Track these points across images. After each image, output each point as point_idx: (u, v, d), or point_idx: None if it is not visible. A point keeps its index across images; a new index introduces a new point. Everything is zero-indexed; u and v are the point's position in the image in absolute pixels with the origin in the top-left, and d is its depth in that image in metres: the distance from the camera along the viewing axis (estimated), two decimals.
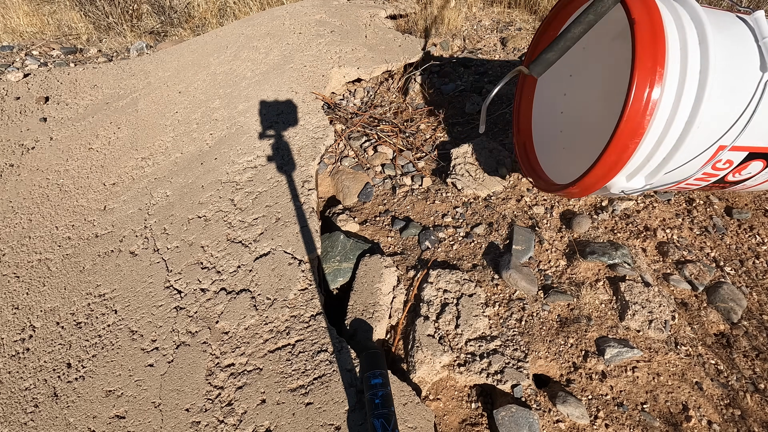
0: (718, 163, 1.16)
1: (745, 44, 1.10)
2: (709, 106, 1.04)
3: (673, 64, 1.05)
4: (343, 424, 1.05)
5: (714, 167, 1.18)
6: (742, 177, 1.25)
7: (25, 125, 2.31)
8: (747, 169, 1.22)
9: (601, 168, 1.13)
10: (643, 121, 1.04)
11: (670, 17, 1.10)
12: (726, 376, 1.18)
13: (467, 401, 1.15)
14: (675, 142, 1.09)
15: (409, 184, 1.77)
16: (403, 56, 2.38)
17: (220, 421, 1.10)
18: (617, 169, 1.13)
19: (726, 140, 1.09)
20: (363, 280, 1.37)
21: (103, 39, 3.67)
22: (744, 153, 1.15)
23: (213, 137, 2.01)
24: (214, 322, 1.31)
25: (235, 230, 1.55)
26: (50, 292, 1.51)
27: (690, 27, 1.07)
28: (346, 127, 2.02)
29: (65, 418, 1.17)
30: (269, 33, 2.62)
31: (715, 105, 1.06)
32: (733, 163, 1.18)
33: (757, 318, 1.29)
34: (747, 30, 1.12)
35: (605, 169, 1.13)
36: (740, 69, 1.07)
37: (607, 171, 1.13)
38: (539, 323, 1.29)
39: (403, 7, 2.93)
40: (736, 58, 1.08)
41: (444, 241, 1.53)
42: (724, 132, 1.09)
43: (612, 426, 1.09)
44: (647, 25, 1.04)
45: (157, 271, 1.49)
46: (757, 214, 1.55)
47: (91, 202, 1.85)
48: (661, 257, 1.44)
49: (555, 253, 1.46)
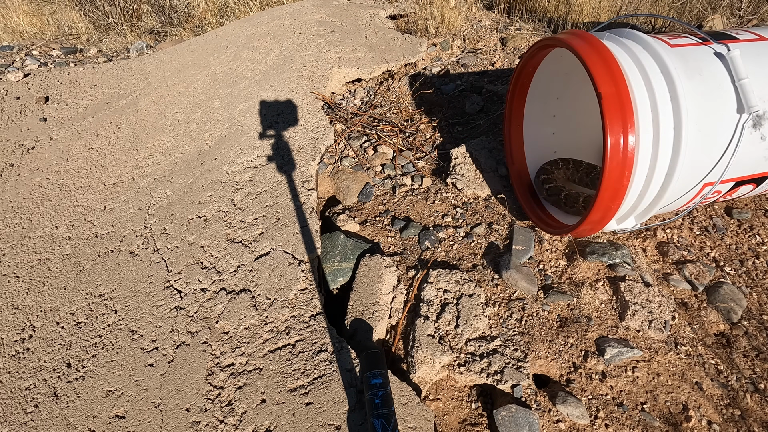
0: (706, 195, 1.21)
1: (721, 87, 1.09)
2: (686, 158, 1.08)
3: (645, 127, 1.08)
4: (343, 424, 1.05)
5: (702, 199, 1.23)
6: (733, 197, 1.31)
7: (25, 125, 2.31)
8: (738, 192, 1.26)
9: (588, 224, 1.20)
10: (620, 187, 1.09)
11: (638, 76, 1.11)
12: (726, 376, 1.18)
13: (467, 401, 1.15)
14: (657, 192, 1.14)
15: (409, 184, 1.77)
16: (403, 56, 2.38)
17: (220, 421, 1.10)
18: (604, 223, 1.19)
19: (709, 179, 1.13)
20: (363, 280, 1.37)
21: (103, 39, 3.67)
22: (731, 183, 1.19)
23: (213, 137, 2.01)
24: (214, 322, 1.31)
25: (235, 230, 1.55)
26: (50, 292, 1.51)
27: (659, 85, 1.09)
28: (346, 127, 2.02)
29: (65, 418, 1.17)
30: (269, 33, 2.62)
31: (692, 155, 1.09)
32: (722, 192, 1.22)
33: (757, 318, 1.29)
34: (722, 69, 1.11)
35: (592, 225, 1.20)
36: (717, 114, 1.09)
37: (594, 225, 1.20)
38: (539, 323, 1.29)
39: (403, 7, 2.93)
40: (711, 103, 1.09)
41: (444, 241, 1.53)
42: (705, 174, 1.13)
43: (612, 426, 1.09)
44: (615, 99, 1.05)
45: (157, 271, 1.49)
46: (757, 214, 1.55)
47: (91, 202, 1.85)
48: (661, 257, 1.44)
49: (555, 253, 1.46)
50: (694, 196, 1.18)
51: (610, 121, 1.04)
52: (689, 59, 1.13)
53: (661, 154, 1.08)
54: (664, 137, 1.07)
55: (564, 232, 1.32)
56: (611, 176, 1.06)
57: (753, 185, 1.24)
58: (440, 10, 2.61)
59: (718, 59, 1.12)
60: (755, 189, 1.27)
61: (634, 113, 1.05)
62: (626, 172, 1.06)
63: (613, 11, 2.82)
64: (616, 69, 1.08)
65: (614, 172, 1.06)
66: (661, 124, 1.07)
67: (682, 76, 1.09)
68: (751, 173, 1.18)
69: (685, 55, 1.14)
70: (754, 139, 1.11)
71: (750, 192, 1.29)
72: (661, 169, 1.10)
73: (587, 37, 1.16)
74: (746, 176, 1.18)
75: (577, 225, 1.22)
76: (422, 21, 2.65)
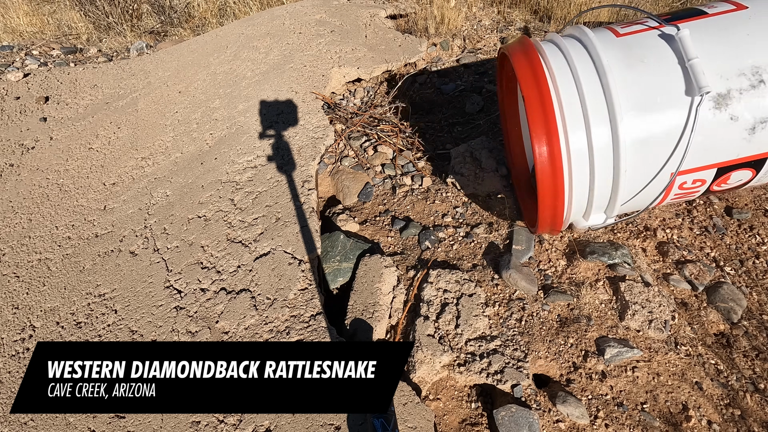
0: (685, 185, 1.15)
1: (668, 71, 1.05)
2: (628, 149, 1.05)
3: (574, 124, 1.07)
4: (343, 424, 1.05)
5: (682, 188, 1.16)
6: (731, 185, 1.20)
7: (25, 125, 2.31)
8: (731, 179, 1.17)
9: (543, 224, 1.21)
10: (557, 185, 1.09)
11: (568, 75, 1.10)
12: (726, 376, 1.18)
13: (467, 401, 1.15)
14: (612, 186, 1.11)
15: (409, 183, 1.77)
16: (403, 56, 2.38)
17: (220, 421, 1.10)
18: (558, 221, 1.18)
19: (674, 167, 1.07)
20: (363, 280, 1.37)
21: (103, 39, 3.66)
22: (711, 170, 1.11)
23: (213, 137, 2.01)
24: (214, 321, 1.31)
25: (235, 230, 1.55)
26: (50, 292, 1.51)
27: (589, 80, 1.07)
28: (346, 126, 2.02)
29: (65, 418, 1.17)
30: (269, 33, 2.62)
31: (639, 145, 1.06)
32: (706, 181, 1.14)
33: (757, 318, 1.29)
34: (671, 52, 1.06)
35: (547, 223, 1.20)
36: (665, 100, 1.04)
37: (550, 223, 1.20)
38: (539, 323, 1.29)
39: (403, 7, 2.93)
40: (657, 90, 1.05)
41: (444, 241, 1.53)
42: (665, 162, 1.08)
43: (612, 426, 1.09)
44: (537, 102, 1.07)
45: (157, 271, 1.49)
46: (757, 214, 1.55)
47: (91, 202, 1.85)
48: (661, 257, 1.44)
49: (555, 253, 1.46)
50: (669, 186, 1.12)
51: (533, 123, 1.06)
52: (634, 47, 1.10)
53: (597, 148, 1.06)
54: (598, 131, 1.06)
55: (534, 231, 1.33)
56: (544, 175, 1.08)
57: (751, 171, 1.14)
58: (440, 10, 2.61)
59: (668, 42, 1.07)
60: (756, 176, 1.17)
61: (557, 112, 1.06)
62: (557, 171, 1.07)
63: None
64: (539, 72, 1.09)
65: (546, 172, 1.08)
66: (592, 119, 1.05)
67: (621, 66, 1.07)
68: (734, 158, 1.09)
69: (629, 43, 1.11)
70: (721, 121, 1.04)
71: (751, 180, 1.19)
72: (602, 162, 1.08)
73: (525, 43, 1.18)
74: (728, 161, 1.10)
75: (537, 226, 1.24)
76: (422, 21, 2.64)
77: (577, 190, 1.12)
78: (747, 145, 1.06)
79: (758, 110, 1.02)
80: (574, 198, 1.13)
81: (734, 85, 1.02)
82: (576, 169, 1.09)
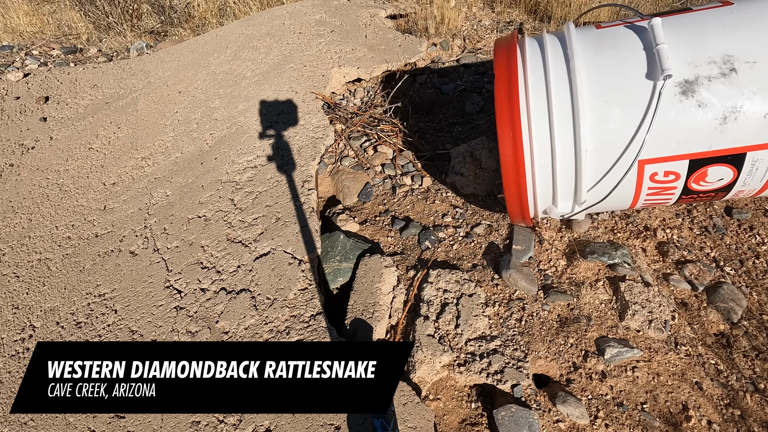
0: (656, 176, 1.13)
1: (635, 56, 1.06)
2: (586, 129, 1.06)
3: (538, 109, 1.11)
4: (343, 424, 1.05)
5: (655, 180, 1.14)
6: (712, 184, 1.15)
7: (25, 125, 2.31)
8: (711, 177, 1.12)
9: (513, 206, 1.25)
10: (518, 161, 1.13)
11: (539, 63, 1.14)
12: (726, 376, 1.18)
13: (467, 401, 1.15)
14: (574, 169, 1.12)
15: (409, 183, 1.77)
16: (403, 56, 2.38)
17: (220, 421, 1.10)
18: (525, 206, 1.22)
19: (637, 153, 1.06)
20: (363, 280, 1.37)
21: (103, 39, 3.66)
22: (683, 162, 1.08)
23: (213, 137, 2.01)
24: (214, 321, 1.31)
25: (235, 230, 1.55)
26: (50, 292, 1.51)
27: (556, 66, 1.11)
28: (346, 126, 2.02)
29: (65, 418, 1.17)
30: (269, 33, 2.62)
31: (600, 126, 1.06)
32: (680, 175, 1.11)
33: (757, 318, 1.29)
34: (641, 40, 1.07)
35: (517, 208, 1.24)
36: (629, 84, 1.05)
37: (516, 203, 1.23)
38: (539, 323, 1.29)
39: (403, 7, 2.93)
40: (623, 75, 1.06)
41: (444, 240, 1.53)
42: (626, 146, 1.07)
43: (612, 426, 1.09)
44: (505, 86, 1.14)
45: (157, 270, 1.49)
46: (757, 214, 1.55)
47: (91, 202, 1.85)
48: (661, 257, 1.44)
49: (555, 253, 1.46)
50: (638, 176, 1.11)
51: (498, 100, 1.14)
52: (608, 37, 1.12)
53: (558, 124, 1.08)
54: (560, 111, 1.08)
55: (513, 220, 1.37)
56: (505, 152, 1.13)
57: (730, 168, 1.08)
58: (440, 10, 2.61)
59: (641, 32, 1.09)
60: (738, 177, 1.11)
61: (521, 99, 1.10)
62: (518, 149, 1.11)
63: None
64: (513, 58, 1.16)
65: (507, 149, 1.13)
66: (554, 101, 1.08)
67: (590, 52, 1.09)
68: (707, 150, 1.05)
69: (605, 34, 1.13)
70: (687, 108, 1.01)
71: (734, 182, 1.13)
72: (563, 143, 1.09)
73: (509, 41, 1.24)
74: (701, 153, 1.06)
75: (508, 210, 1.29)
76: (422, 21, 2.65)
77: (539, 168, 1.14)
78: (720, 136, 1.03)
79: (728, 99, 1.00)
80: (538, 178, 1.15)
81: (703, 72, 1.01)
82: (537, 146, 1.11)
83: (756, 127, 1.00)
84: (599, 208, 1.26)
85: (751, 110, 1.00)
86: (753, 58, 1.00)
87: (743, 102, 0.99)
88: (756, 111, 1.00)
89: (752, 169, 1.07)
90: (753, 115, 1.00)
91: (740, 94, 0.99)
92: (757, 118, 1.00)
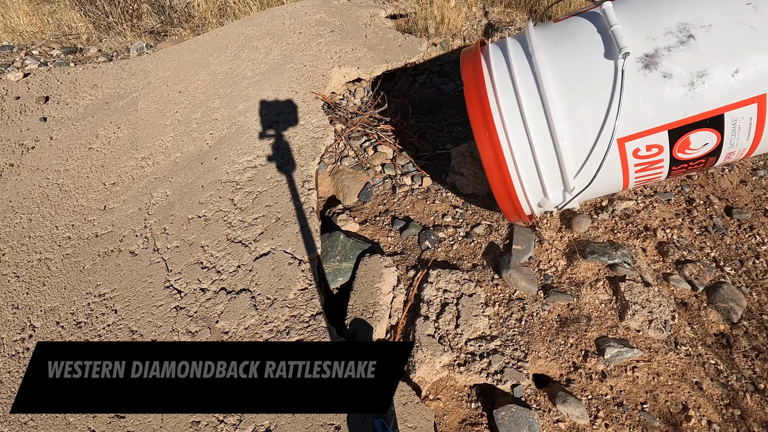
0: (639, 152, 1.13)
1: (593, 41, 1.09)
2: (559, 114, 1.09)
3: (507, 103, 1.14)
4: (343, 424, 1.05)
5: (639, 156, 1.14)
6: (699, 151, 1.13)
7: (25, 125, 2.31)
8: (695, 143, 1.11)
9: (504, 205, 1.28)
10: (503, 172, 1.18)
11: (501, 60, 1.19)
12: (726, 376, 1.18)
13: (467, 401, 1.15)
14: (555, 156, 1.14)
15: (409, 183, 1.77)
16: (403, 56, 2.38)
17: (220, 421, 1.10)
18: (517, 203, 1.25)
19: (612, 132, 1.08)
20: (363, 280, 1.37)
21: (103, 39, 3.66)
22: (662, 133, 1.08)
23: (213, 137, 2.01)
24: (214, 321, 1.31)
25: (235, 230, 1.55)
26: (50, 292, 1.51)
27: (518, 60, 1.16)
28: (346, 126, 2.02)
29: (65, 418, 1.17)
30: (269, 33, 2.62)
31: (570, 110, 1.09)
32: (663, 147, 1.11)
33: (757, 318, 1.29)
34: (598, 25, 1.11)
35: (509, 206, 1.28)
36: (591, 67, 1.08)
37: (511, 206, 1.27)
38: (539, 323, 1.29)
39: (403, 7, 2.93)
40: (583, 60, 1.09)
41: (444, 240, 1.53)
42: (601, 126, 1.09)
43: (612, 426, 1.09)
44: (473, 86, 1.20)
45: (157, 270, 1.49)
46: (757, 214, 1.55)
47: (91, 202, 1.85)
48: (661, 257, 1.44)
49: (555, 253, 1.46)
50: (620, 154, 1.12)
51: (470, 105, 1.18)
52: (566, 28, 1.16)
53: (531, 120, 1.11)
54: (530, 106, 1.11)
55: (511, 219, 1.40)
56: (486, 153, 1.17)
57: (713, 132, 1.08)
58: (440, 10, 2.61)
59: (597, 18, 1.12)
60: (723, 139, 1.10)
61: (491, 101, 1.15)
62: (497, 148, 1.15)
63: None
64: (479, 67, 1.21)
65: (487, 150, 1.17)
66: (523, 97, 1.11)
67: (550, 44, 1.13)
68: (683, 117, 1.05)
69: (563, 26, 1.17)
70: (653, 81, 1.03)
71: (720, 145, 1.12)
72: (539, 135, 1.12)
73: (473, 49, 1.30)
74: (678, 122, 1.06)
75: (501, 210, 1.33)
76: (422, 21, 2.64)
77: (521, 161, 1.16)
78: (692, 102, 1.03)
79: (692, 64, 1.01)
80: (523, 173, 1.18)
81: (662, 44, 1.03)
82: (515, 142, 1.14)
83: (727, 87, 1.01)
84: (593, 193, 1.27)
85: (717, 72, 1.00)
86: (707, 21, 1.01)
87: (707, 65, 1.00)
88: (722, 71, 1.00)
89: (735, 128, 1.07)
90: (721, 76, 1.00)
91: (703, 58, 1.01)
92: (726, 78, 1.00)
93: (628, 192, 1.64)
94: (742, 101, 1.02)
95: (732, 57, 0.99)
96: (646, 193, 1.63)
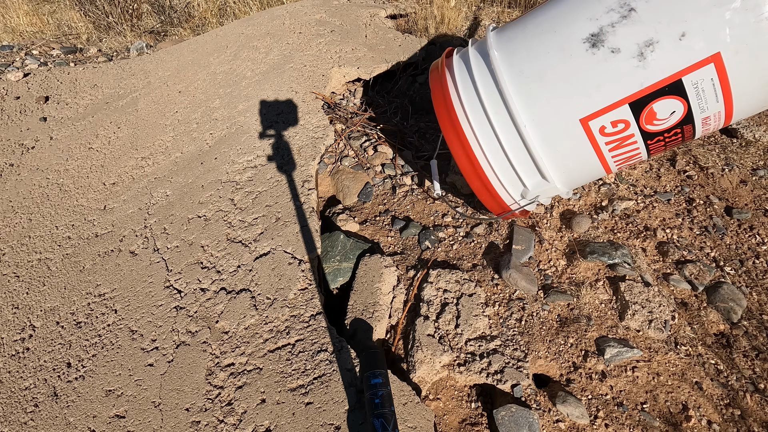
0: (605, 129, 1.14)
1: (541, 33, 1.14)
2: (517, 101, 1.15)
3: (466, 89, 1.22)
4: (343, 423, 1.05)
5: (606, 134, 1.15)
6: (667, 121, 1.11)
7: (25, 125, 2.31)
8: (662, 113, 1.10)
9: (485, 199, 1.33)
10: (473, 164, 1.25)
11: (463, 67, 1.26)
12: (726, 376, 1.18)
13: (467, 401, 1.15)
14: (522, 143, 1.19)
15: (409, 183, 1.77)
16: (403, 56, 2.38)
17: (220, 421, 1.10)
18: (496, 195, 1.30)
19: (568, 110, 1.12)
20: (363, 280, 1.37)
21: (103, 38, 3.66)
22: (623, 107, 1.09)
23: (213, 137, 2.01)
24: (214, 321, 1.31)
25: (235, 230, 1.55)
26: (50, 292, 1.51)
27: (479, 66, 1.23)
28: (346, 126, 2.02)
29: (65, 418, 1.17)
30: (269, 33, 2.62)
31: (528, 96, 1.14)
32: (629, 122, 1.11)
33: (757, 318, 1.29)
34: (542, 18, 1.16)
35: (490, 200, 1.33)
36: (543, 52, 1.13)
37: (492, 201, 1.33)
38: (539, 323, 1.29)
39: (403, 6, 2.93)
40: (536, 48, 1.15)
41: (444, 240, 1.53)
42: (558, 107, 1.13)
43: (612, 426, 1.09)
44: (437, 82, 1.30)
45: (157, 270, 1.49)
46: (757, 214, 1.55)
47: (91, 202, 1.85)
48: (661, 257, 1.44)
49: (555, 253, 1.46)
50: (587, 134, 1.13)
51: (439, 114, 1.27)
52: (519, 23, 1.22)
53: (495, 115, 1.17)
54: (490, 100, 1.18)
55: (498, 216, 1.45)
56: (456, 150, 1.25)
57: (677, 99, 1.07)
58: (440, 10, 2.61)
59: (545, 8, 1.18)
60: (690, 105, 1.08)
61: (454, 101, 1.23)
62: (465, 143, 1.22)
63: None
64: (443, 73, 1.29)
65: (457, 148, 1.25)
66: (482, 92, 1.19)
67: (504, 42, 1.19)
68: (640, 88, 1.06)
69: (518, 22, 1.23)
70: (602, 57, 1.05)
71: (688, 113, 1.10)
72: (502, 126, 1.18)
73: (440, 60, 1.37)
74: (636, 94, 1.06)
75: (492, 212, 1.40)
76: (422, 21, 2.65)
77: (490, 151, 1.22)
78: (645, 72, 1.04)
79: (637, 36, 1.02)
80: (495, 165, 1.23)
81: (605, 21, 1.05)
82: (480, 134, 1.21)
83: (678, 52, 1.01)
84: (575, 177, 1.27)
85: (664, 39, 1.01)
86: None
87: (652, 34, 1.01)
88: (668, 38, 1.00)
89: (698, 92, 1.06)
90: (668, 42, 1.00)
91: (647, 28, 1.02)
92: (675, 44, 1.00)
93: (628, 192, 1.64)
94: (697, 63, 1.01)
95: (675, 22, 1.00)
96: (646, 193, 1.63)
